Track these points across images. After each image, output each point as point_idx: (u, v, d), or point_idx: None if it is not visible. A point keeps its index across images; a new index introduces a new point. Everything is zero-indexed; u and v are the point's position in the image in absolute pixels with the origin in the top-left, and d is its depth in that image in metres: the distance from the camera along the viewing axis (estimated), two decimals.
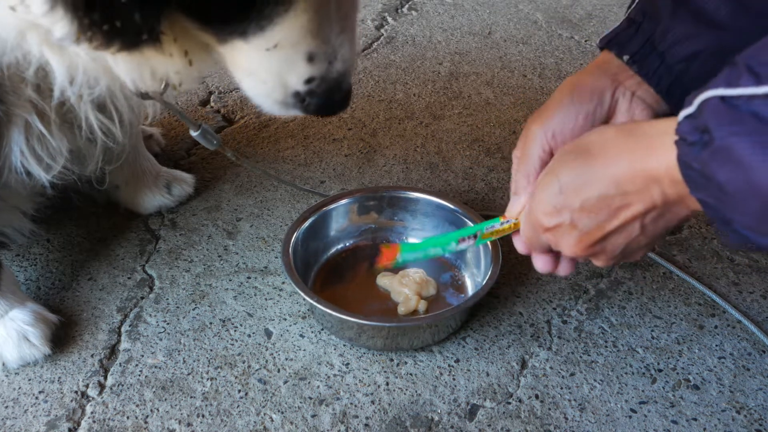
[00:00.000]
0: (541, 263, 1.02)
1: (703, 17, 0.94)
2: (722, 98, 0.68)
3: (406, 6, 2.10)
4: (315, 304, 1.11)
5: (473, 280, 1.24)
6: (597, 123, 0.98)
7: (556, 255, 1.02)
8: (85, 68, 0.88)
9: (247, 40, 0.83)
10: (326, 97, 0.90)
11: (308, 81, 0.88)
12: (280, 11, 0.79)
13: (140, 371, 1.13)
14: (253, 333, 1.18)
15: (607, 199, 0.83)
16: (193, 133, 1.17)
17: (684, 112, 0.73)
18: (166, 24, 0.80)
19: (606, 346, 1.17)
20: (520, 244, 1.03)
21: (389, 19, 2.03)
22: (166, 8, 0.77)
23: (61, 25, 0.75)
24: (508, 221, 1.03)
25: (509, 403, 1.09)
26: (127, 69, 0.86)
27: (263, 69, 0.86)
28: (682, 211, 0.81)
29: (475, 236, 1.07)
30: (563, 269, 1.04)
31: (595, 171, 0.84)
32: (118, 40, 0.77)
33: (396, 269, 1.24)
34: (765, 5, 0.90)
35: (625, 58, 0.99)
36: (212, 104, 1.70)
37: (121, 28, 0.75)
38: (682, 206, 0.80)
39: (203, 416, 1.07)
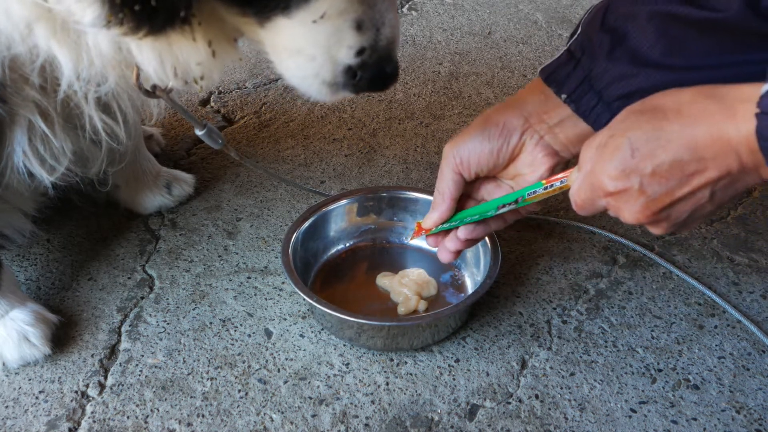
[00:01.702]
0: (444, 253, 1.13)
1: (638, 57, 0.97)
2: None
3: (406, 6, 2.10)
4: (315, 304, 1.11)
5: (473, 279, 1.24)
6: (501, 160, 1.06)
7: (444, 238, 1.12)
8: (91, 62, 0.88)
9: (291, 16, 0.79)
10: (378, 68, 0.85)
11: (359, 53, 0.83)
12: None
13: (140, 371, 1.13)
14: (253, 333, 1.18)
15: (681, 164, 0.80)
16: (199, 132, 1.16)
17: (767, 86, 0.71)
18: (196, 6, 0.78)
19: (606, 346, 1.17)
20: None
21: None
22: None
23: (92, 9, 0.75)
24: (553, 185, 1.01)
25: (509, 403, 1.09)
26: (151, 57, 0.84)
27: (310, 44, 0.82)
28: (754, 179, 0.80)
29: (516, 201, 1.06)
30: (445, 256, 1.14)
31: (671, 133, 0.80)
32: (148, 23, 0.76)
33: (395, 270, 1.24)
34: (697, 44, 0.92)
35: (563, 96, 1.04)
36: (212, 104, 1.70)
37: (156, 7, 0.74)
38: (756, 175, 0.78)
39: (203, 416, 1.07)
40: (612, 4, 1.00)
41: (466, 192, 1.12)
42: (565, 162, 1.07)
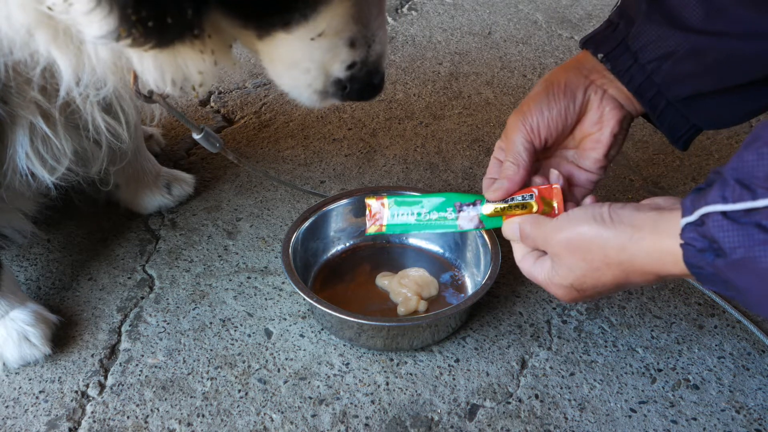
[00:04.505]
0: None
1: (676, 20, 0.97)
2: (724, 213, 0.71)
3: (406, 6, 2.10)
4: (315, 304, 1.11)
5: (473, 279, 1.24)
6: (570, 120, 1.05)
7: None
8: (92, 68, 0.88)
9: (290, 31, 0.82)
10: (366, 81, 0.90)
11: (350, 67, 0.87)
12: None
13: (140, 371, 1.13)
14: (253, 333, 1.18)
15: (615, 289, 0.91)
16: (196, 136, 1.17)
17: (685, 220, 0.76)
18: (206, 22, 0.80)
19: (606, 346, 1.17)
20: (509, 231, 1.03)
21: (389, 19, 2.03)
22: (210, 4, 0.78)
23: (104, 23, 0.75)
24: (514, 198, 1.03)
25: (509, 403, 1.09)
26: (153, 68, 0.85)
27: (306, 59, 0.86)
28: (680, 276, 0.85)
29: (474, 204, 1.05)
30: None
31: (608, 277, 0.88)
32: (158, 37, 0.77)
33: (395, 270, 1.24)
34: (737, 10, 0.92)
35: (600, 56, 1.04)
36: (212, 104, 1.70)
37: (170, 24, 0.75)
38: (682, 275, 0.83)
39: (203, 416, 1.07)
40: None
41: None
42: (631, 117, 1.07)
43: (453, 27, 2.01)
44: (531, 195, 1.01)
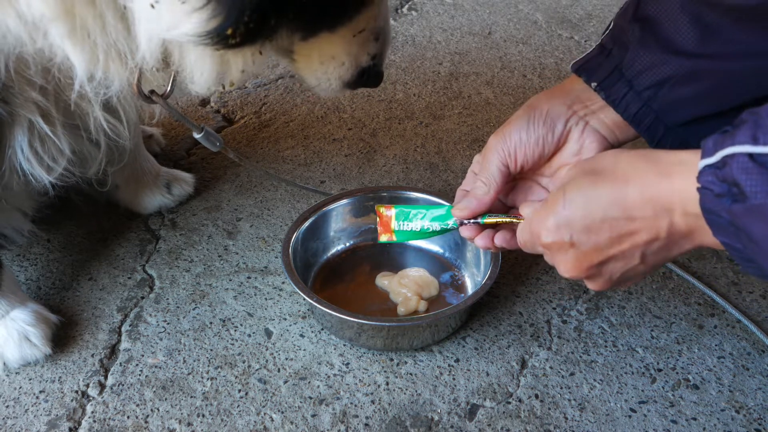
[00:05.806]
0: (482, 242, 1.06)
1: (670, 45, 0.96)
2: (751, 156, 0.67)
3: (406, 6, 2.10)
4: (315, 304, 1.11)
5: (473, 279, 1.24)
6: (547, 150, 1.04)
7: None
8: (106, 65, 0.87)
9: (334, 31, 0.89)
10: (379, 69, 1.00)
11: (373, 57, 0.97)
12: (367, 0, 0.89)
13: (140, 371, 1.13)
14: (253, 333, 1.19)
15: (612, 221, 0.82)
16: (196, 135, 1.17)
17: (704, 161, 0.72)
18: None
19: (606, 346, 1.17)
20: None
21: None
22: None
23: (209, 22, 0.75)
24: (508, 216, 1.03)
25: (509, 403, 1.09)
26: (206, 64, 0.86)
27: (344, 53, 0.94)
28: (687, 245, 0.81)
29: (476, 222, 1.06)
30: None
31: (603, 192, 0.82)
32: (250, 39, 0.80)
33: (395, 270, 1.25)
34: (731, 32, 0.91)
35: (593, 85, 1.02)
36: (212, 104, 1.70)
37: (270, 26, 0.80)
38: (688, 240, 0.80)
39: (203, 416, 1.07)
40: None
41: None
42: (612, 148, 1.04)
43: (453, 27, 2.01)
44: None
